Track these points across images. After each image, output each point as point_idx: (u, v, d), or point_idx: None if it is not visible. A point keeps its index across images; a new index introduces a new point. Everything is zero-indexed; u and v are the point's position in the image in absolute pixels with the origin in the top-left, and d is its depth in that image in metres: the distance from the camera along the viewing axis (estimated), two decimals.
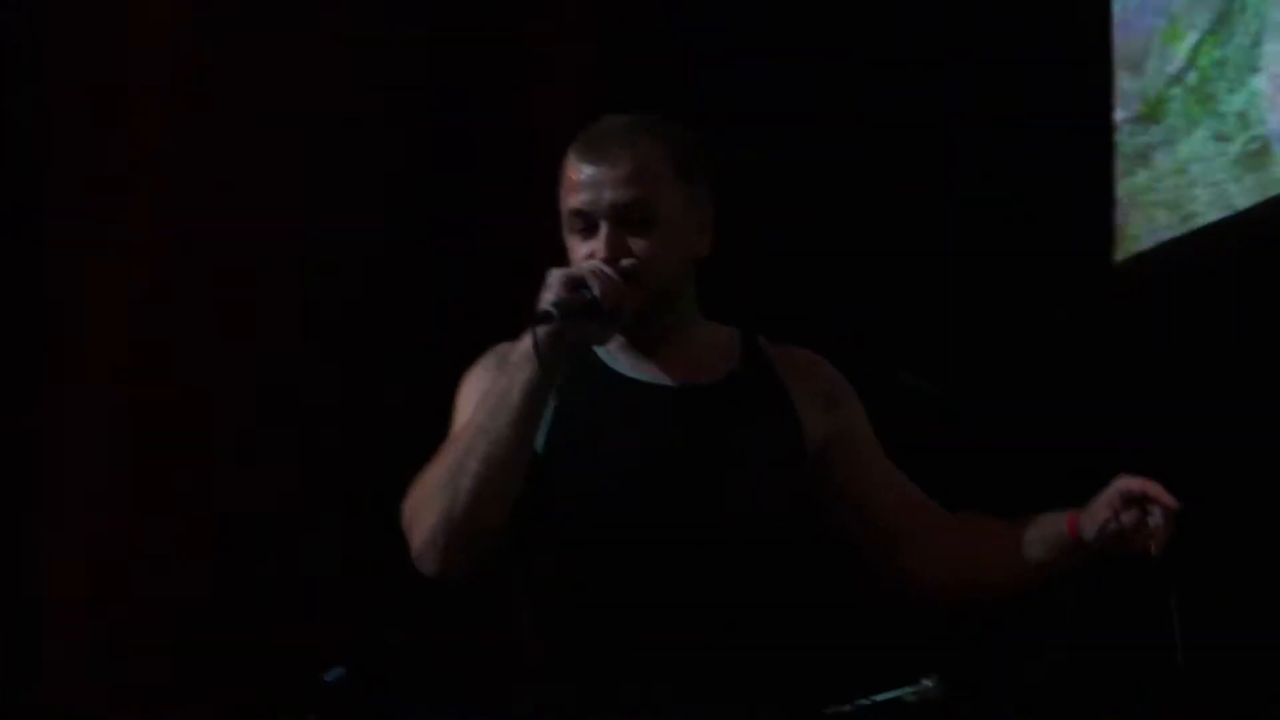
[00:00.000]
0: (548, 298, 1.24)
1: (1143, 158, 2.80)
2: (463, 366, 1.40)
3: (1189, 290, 2.84)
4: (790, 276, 2.72)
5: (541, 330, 1.23)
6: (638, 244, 1.32)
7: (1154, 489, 1.34)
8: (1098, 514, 1.35)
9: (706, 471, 1.33)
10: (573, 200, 1.34)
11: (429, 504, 1.28)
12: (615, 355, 1.38)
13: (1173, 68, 2.74)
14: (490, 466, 1.25)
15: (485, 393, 1.31)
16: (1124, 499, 1.33)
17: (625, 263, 1.30)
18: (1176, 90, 2.74)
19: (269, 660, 2.89)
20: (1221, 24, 2.65)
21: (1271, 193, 2.51)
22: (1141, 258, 2.98)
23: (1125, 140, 2.86)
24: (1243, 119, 2.58)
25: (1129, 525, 1.33)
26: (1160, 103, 2.77)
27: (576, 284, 1.26)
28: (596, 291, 1.26)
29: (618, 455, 1.33)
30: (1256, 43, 2.55)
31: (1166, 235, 2.84)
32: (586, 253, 1.32)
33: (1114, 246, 3.07)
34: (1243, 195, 2.62)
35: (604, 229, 1.32)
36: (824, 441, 1.41)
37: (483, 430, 1.26)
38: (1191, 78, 2.71)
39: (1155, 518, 1.33)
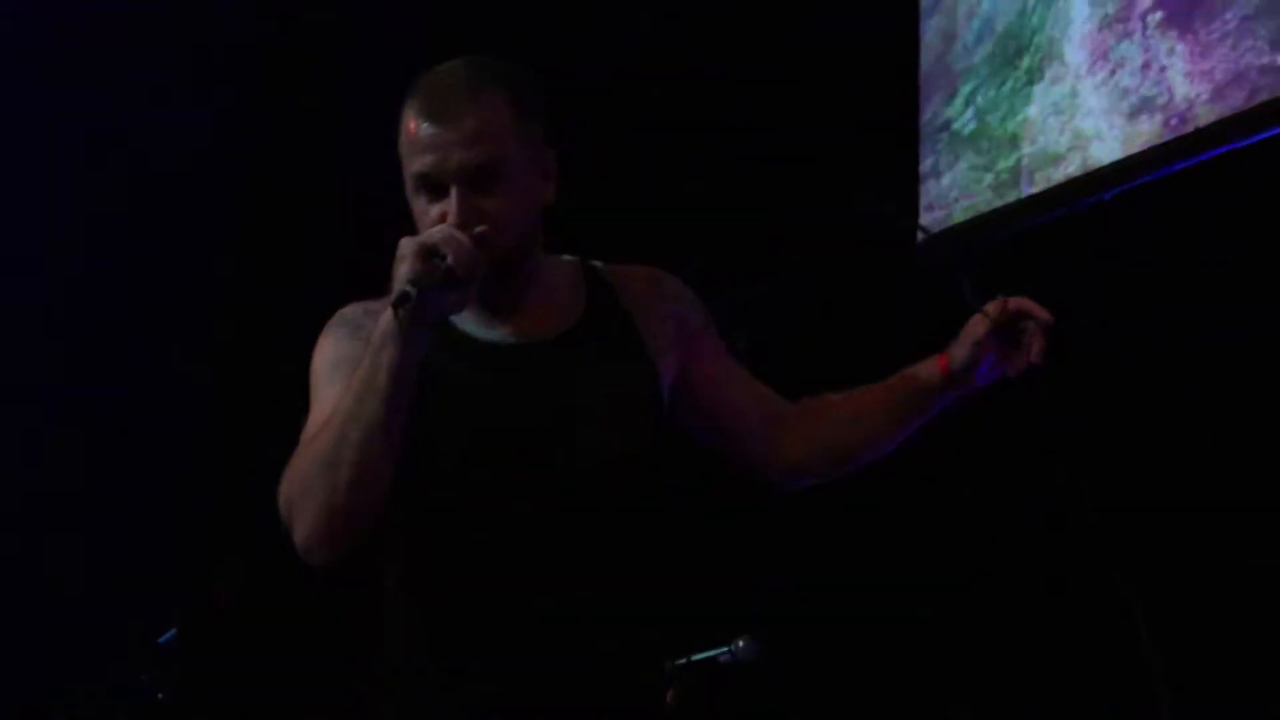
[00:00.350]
0: (403, 271, 1.19)
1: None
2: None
3: (977, 268, 3.21)
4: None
5: (403, 310, 1.19)
6: (488, 203, 1.27)
7: (1024, 303, 1.38)
8: (966, 339, 1.39)
9: (559, 428, 1.31)
10: (417, 164, 1.28)
11: (307, 495, 1.24)
12: (463, 315, 1.32)
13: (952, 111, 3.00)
14: (365, 452, 1.22)
15: (348, 375, 1.27)
16: (995, 322, 1.37)
17: (479, 229, 1.25)
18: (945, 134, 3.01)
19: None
20: (998, 72, 2.87)
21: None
22: (934, 240, 3.40)
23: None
24: (1007, 148, 2.84)
25: (1006, 345, 1.38)
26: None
27: (430, 253, 1.20)
28: (451, 260, 1.20)
29: (470, 420, 1.31)
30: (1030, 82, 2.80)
31: None
32: (436, 215, 1.27)
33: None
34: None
35: (454, 193, 1.26)
36: (680, 369, 1.41)
37: (352, 416, 1.22)
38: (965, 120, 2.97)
39: (1030, 330, 1.37)
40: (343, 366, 1.29)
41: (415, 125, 1.29)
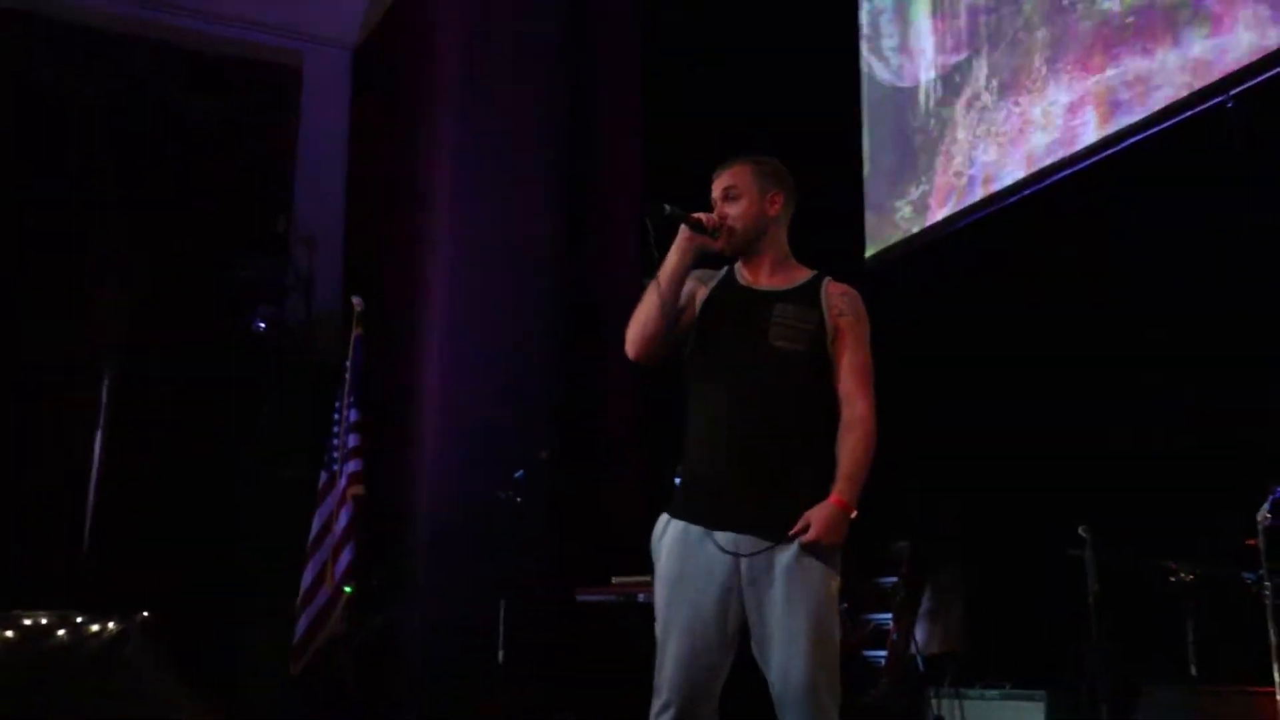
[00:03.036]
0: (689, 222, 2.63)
1: None
2: None
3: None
4: None
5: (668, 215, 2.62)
6: (732, 208, 2.70)
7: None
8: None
9: (760, 332, 2.58)
10: (715, 189, 2.75)
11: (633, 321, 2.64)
12: (741, 275, 2.73)
13: None
14: (648, 305, 2.62)
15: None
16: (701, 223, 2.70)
17: (725, 219, 2.70)
18: None
19: None
20: None
21: None
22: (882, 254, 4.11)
23: None
24: None
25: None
26: None
27: (698, 220, 2.63)
28: (704, 220, 2.64)
29: (719, 322, 2.65)
30: None
31: None
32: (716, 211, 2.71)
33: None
34: None
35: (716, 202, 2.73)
36: (832, 324, 2.63)
37: (652, 288, 2.61)
38: None
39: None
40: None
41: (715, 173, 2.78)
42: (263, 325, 6.59)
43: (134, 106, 6.88)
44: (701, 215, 2.63)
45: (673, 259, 2.60)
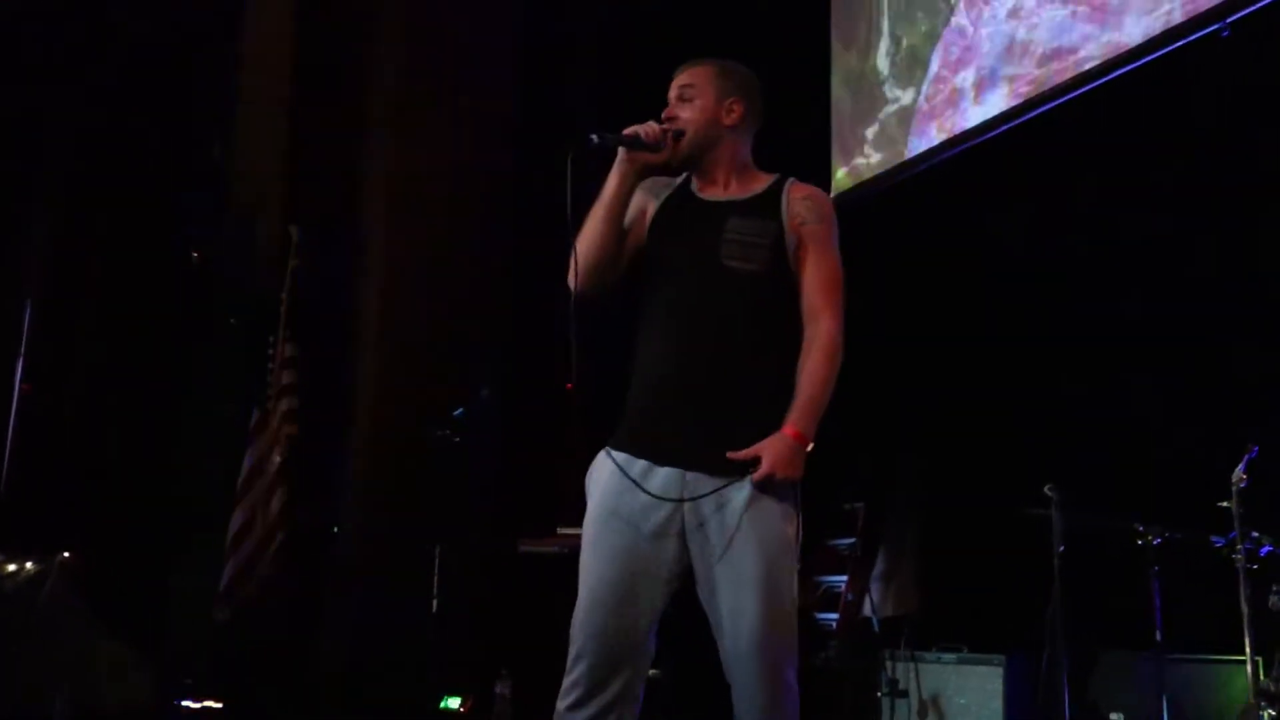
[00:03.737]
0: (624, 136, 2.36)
1: None
2: None
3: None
4: None
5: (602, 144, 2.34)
6: (684, 110, 2.42)
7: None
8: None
9: (711, 245, 2.30)
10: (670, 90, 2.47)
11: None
12: (696, 185, 2.45)
13: None
14: (590, 226, 2.36)
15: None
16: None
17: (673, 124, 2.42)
18: None
19: None
20: None
21: None
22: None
23: None
24: None
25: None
26: None
27: (634, 134, 2.34)
28: (642, 134, 2.34)
29: (670, 234, 2.37)
30: None
31: None
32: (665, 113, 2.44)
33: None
34: None
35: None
36: (792, 235, 2.34)
37: (594, 210, 2.36)
38: None
39: None
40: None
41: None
42: (196, 255, 6.27)
43: (64, 22, 6.52)
44: (639, 128, 2.35)
45: (611, 182, 2.35)
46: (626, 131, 2.34)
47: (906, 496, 5.17)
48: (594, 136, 2.31)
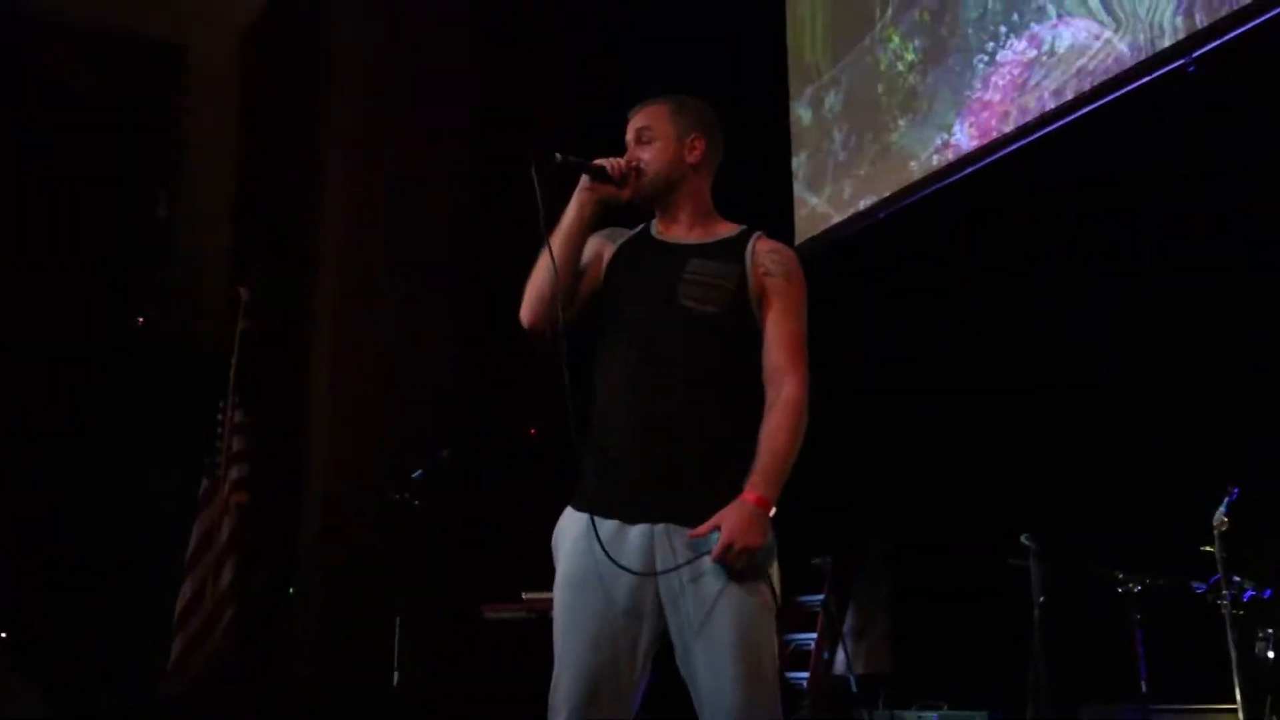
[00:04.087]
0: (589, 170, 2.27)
1: None
2: None
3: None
4: None
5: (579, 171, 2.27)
6: (645, 152, 2.33)
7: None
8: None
9: (670, 290, 2.19)
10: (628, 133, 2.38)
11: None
12: (657, 229, 2.36)
13: None
14: (542, 264, 2.23)
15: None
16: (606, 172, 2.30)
17: (636, 162, 2.32)
18: None
19: None
20: None
21: None
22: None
23: None
24: None
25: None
26: None
27: (600, 167, 2.27)
28: (609, 167, 2.26)
29: (628, 278, 2.27)
30: None
31: None
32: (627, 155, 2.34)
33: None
34: None
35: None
36: (757, 285, 2.23)
37: (551, 241, 2.24)
38: None
39: None
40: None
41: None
42: (140, 318, 6.10)
43: (8, 76, 6.37)
44: (605, 161, 2.27)
45: (570, 213, 2.25)
46: (595, 162, 2.25)
47: (877, 549, 5.07)
48: (559, 155, 2.23)
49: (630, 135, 2.34)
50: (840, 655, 4.81)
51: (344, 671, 4.77)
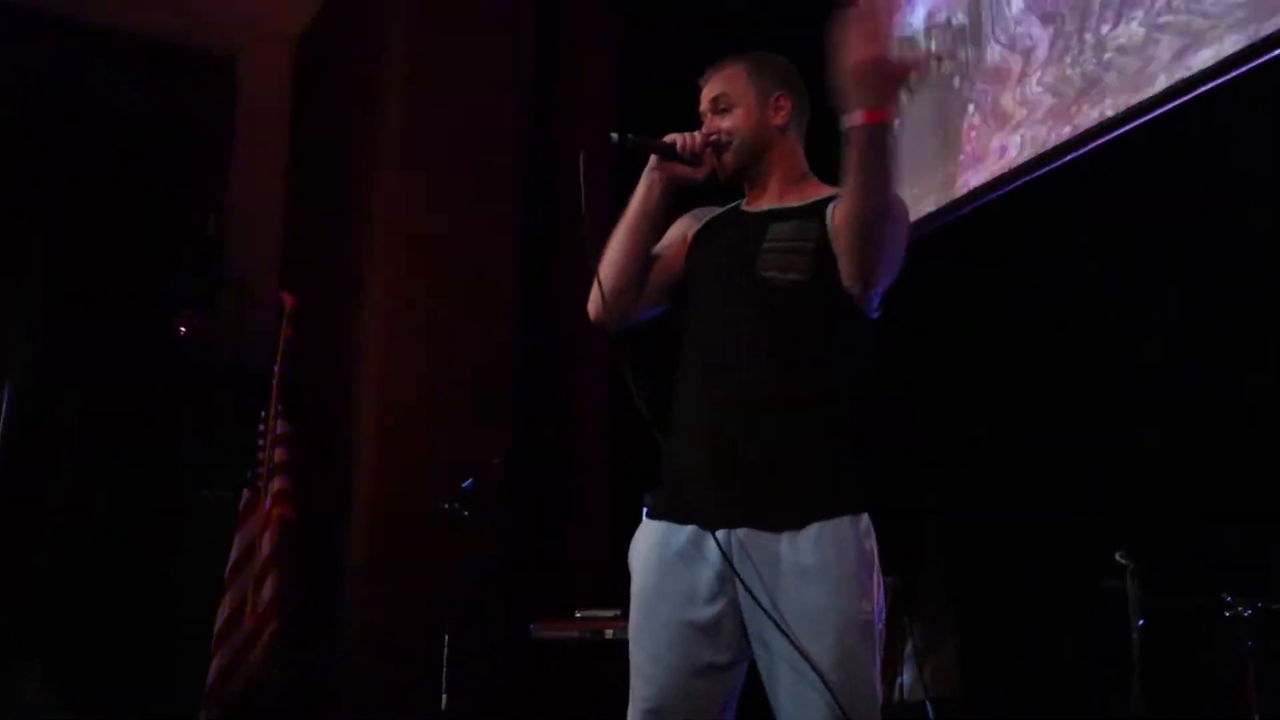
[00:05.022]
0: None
1: None
2: None
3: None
4: None
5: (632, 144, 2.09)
6: (724, 121, 2.12)
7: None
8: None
9: (754, 254, 1.97)
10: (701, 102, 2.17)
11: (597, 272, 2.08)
12: (746, 201, 2.15)
13: None
14: (613, 247, 2.08)
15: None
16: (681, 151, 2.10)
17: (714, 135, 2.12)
18: None
19: None
20: None
21: None
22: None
23: None
24: None
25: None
26: None
27: (669, 145, 2.08)
28: (678, 145, 2.07)
29: (711, 255, 2.08)
30: None
31: None
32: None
33: None
34: None
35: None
36: (834, 238, 1.96)
37: (617, 229, 2.09)
38: None
39: None
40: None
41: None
42: (184, 330, 6.02)
43: (55, 92, 6.37)
44: (675, 136, 2.06)
45: (638, 195, 2.08)
46: (665, 138, 2.04)
47: (946, 566, 4.78)
48: (615, 135, 2.01)
49: (705, 105, 2.12)
50: (911, 677, 4.53)
51: (391, 693, 4.57)
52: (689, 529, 1.89)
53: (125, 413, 5.98)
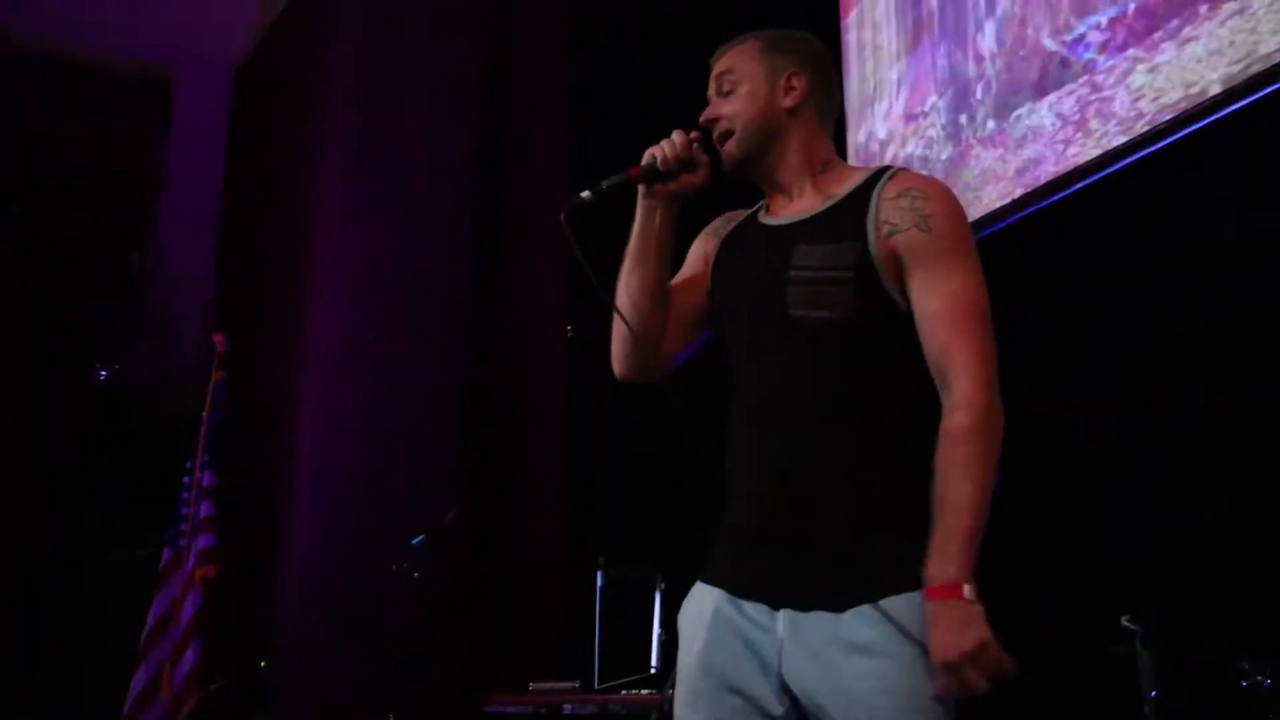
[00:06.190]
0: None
1: None
2: None
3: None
4: None
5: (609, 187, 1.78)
6: (726, 106, 1.81)
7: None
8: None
9: (781, 287, 1.66)
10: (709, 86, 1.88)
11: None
12: (765, 207, 1.85)
13: None
14: (623, 287, 1.79)
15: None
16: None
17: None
18: None
19: None
20: None
21: None
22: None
23: None
24: None
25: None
26: None
27: (650, 164, 1.78)
28: (657, 161, 1.77)
29: (729, 281, 1.79)
30: None
31: None
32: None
33: None
34: None
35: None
36: (883, 258, 1.65)
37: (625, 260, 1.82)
38: None
39: None
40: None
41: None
42: (104, 374, 5.68)
43: None
44: (652, 151, 1.77)
45: (637, 226, 1.79)
46: (642, 160, 1.76)
47: None
48: (585, 194, 1.74)
49: (711, 87, 1.83)
50: None
51: None
52: (755, 605, 1.62)
53: (37, 463, 5.65)
